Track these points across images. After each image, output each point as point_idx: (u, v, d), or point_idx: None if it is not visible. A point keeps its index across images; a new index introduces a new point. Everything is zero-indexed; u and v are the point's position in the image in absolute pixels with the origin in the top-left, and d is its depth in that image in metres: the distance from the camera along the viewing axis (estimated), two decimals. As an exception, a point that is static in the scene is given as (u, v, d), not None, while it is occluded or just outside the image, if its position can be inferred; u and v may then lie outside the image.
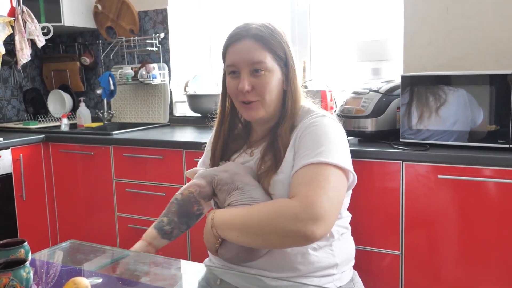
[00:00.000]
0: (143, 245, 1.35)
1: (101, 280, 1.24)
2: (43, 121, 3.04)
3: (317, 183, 1.15)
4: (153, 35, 2.91)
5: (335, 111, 2.11)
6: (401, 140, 1.80)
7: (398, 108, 1.85)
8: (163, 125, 2.90)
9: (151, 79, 2.81)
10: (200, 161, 1.53)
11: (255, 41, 1.27)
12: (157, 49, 2.92)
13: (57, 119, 3.11)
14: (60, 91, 3.22)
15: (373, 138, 1.86)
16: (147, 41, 2.91)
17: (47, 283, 1.25)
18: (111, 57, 3.11)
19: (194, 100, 2.74)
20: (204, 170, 1.35)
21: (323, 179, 1.16)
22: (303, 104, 1.35)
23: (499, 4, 1.98)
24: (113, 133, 2.53)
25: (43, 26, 2.81)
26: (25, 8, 2.72)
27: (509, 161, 1.54)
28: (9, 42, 2.79)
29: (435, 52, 2.11)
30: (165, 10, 2.91)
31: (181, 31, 2.97)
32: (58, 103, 3.25)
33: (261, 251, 1.26)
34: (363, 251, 1.77)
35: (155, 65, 2.85)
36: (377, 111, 1.83)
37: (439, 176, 1.64)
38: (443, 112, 1.72)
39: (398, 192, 1.72)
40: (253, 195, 1.23)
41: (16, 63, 2.83)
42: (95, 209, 2.56)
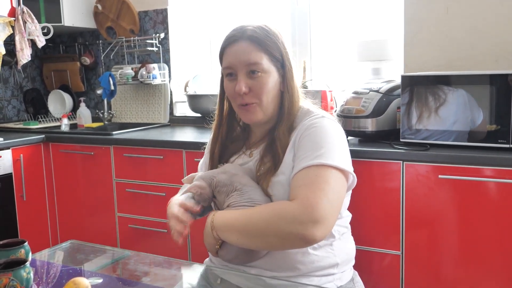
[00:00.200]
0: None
1: (101, 280, 1.24)
2: (43, 121, 3.04)
3: (317, 185, 1.15)
4: (153, 35, 2.91)
5: (335, 111, 2.11)
6: (401, 140, 1.80)
7: (398, 108, 1.85)
8: (163, 125, 2.90)
9: (151, 79, 2.81)
10: (200, 162, 1.52)
11: (251, 42, 1.27)
12: (157, 49, 2.91)
13: (58, 119, 3.11)
14: (60, 91, 3.22)
15: (373, 138, 1.86)
16: (147, 41, 2.91)
17: (48, 283, 1.25)
18: (111, 57, 3.11)
19: (194, 100, 2.74)
20: (201, 173, 1.35)
21: (323, 181, 1.16)
22: (302, 105, 1.35)
23: (499, 4, 1.98)
24: (113, 133, 2.53)
25: (43, 26, 2.80)
26: (25, 8, 2.72)
27: (510, 161, 1.54)
28: (9, 42, 2.79)
29: (435, 52, 2.11)
30: (165, 10, 2.91)
31: (181, 31, 2.97)
32: (58, 103, 3.25)
33: (261, 252, 1.26)
34: (363, 251, 1.77)
35: (155, 65, 2.85)
36: (378, 111, 1.83)
37: (439, 176, 1.64)
38: (443, 112, 1.72)
39: (398, 192, 1.72)
40: (252, 196, 1.23)
41: (16, 63, 2.83)
42: (96, 209, 2.56)
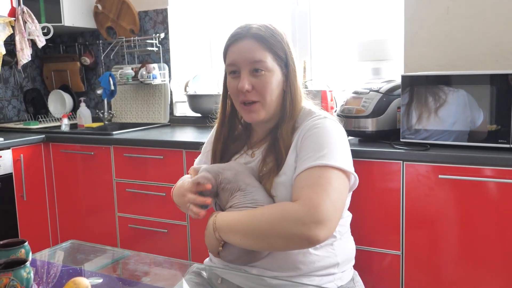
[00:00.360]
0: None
1: (101, 280, 1.24)
2: (43, 121, 3.04)
3: (320, 186, 1.15)
4: (153, 35, 2.91)
5: (335, 111, 2.11)
6: (401, 140, 1.80)
7: (398, 108, 1.85)
8: (163, 125, 2.90)
9: (152, 79, 2.81)
10: (197, 160, 1.53)
11: (256, 41, 1.27)
12: (157, 49, 2.91)
13: (58, 119, 3.11)
14: (60, 91, 3.22)
15: (373, 138, 1.86)
16: (147, 41, 2.91)
17: (48, 283, 1.25)
18: (112, 57, 3.11)
19: (194, 100, 2.74)
20: (206, 166, 1.33)
21: (326, 182, 1.16)
22: (304, 105, 1.35)
23: (499, 4, 1.98)
24: (114, 133, 2.53)
25: (43, 26, 2.80)
26: (25, 8, 2.72)
27: (510, 161, 1.53)
28: (10, 42, 2.79)
29: (436, 52, 2.11)
30: (165, 10, 2.91)
31: (181, 31, 2.97)
32: (58, 103, 3.25)
33: (263, 253, 1.25)
34: (363, 251, 1.77)
35: (155, 65, 2.85)
36: (378, 111, 1.83)
37: (439, 176, 1.64)
38: (443, 112, 1.72)
39: (398, 192, 1.72)
40: (256, 197, 1.23)
41: (16, 63, 2.83)
42: (96, 209, 2.56)
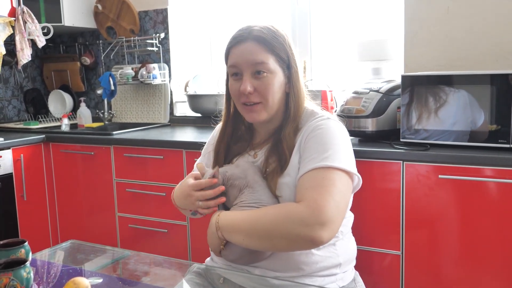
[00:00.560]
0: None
1: (101, 280, 1.24)
2: (43, 121, 3.04)
3: (324, 187, 1.15)
4: (154, 35, 2.91)
5: (335, 111, 2.11)
6: (401, 140, 1.80)
7: (398, 108, 1.85)
8: (163, 125, 2.90)
9: (152, 79, 2.81)
10: (197, 162, 1.52)
11: (258, 43, 1.26)
12: (157, 49, 2.91)
13: (58, 119, 3.11)
14: (60, 91, 3.22)
15: (373, 138, 1.86)
16: (148, 41, 2.91)
17: (48, 283, 1.25)
18: (112, 57, 3.11)
19: (194, 100, 2.74)
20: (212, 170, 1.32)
21: (330, 184, 1.16)
22: (306, 105, 1.35)
23: (500, 4, 1.98)
24: (114, 133, 2.53)
25: (43, 26, 2.80)
26: (25, 8, 2.72)
27: (510, 161, 1.53)
28: (10, 42, 2.79)
29: (436, 52, 2.11)
30: (165, 10, 2.91)
31: (181, 31, 2.97)
32: (58, 103, 3.25)
33: (265, 253, 1.25)
34: (363, 251, 1.77)
35: (155, 65, 2.85)
36: (378, 111, 1.83)
37: (439, 176, 1.64)
38: (443, 112, 1.72)
39: (398, 192, 1.72)
40: (261, 197, 1.23)
41: (16, 63, 2.83)
42: (96, 209, 2.56)
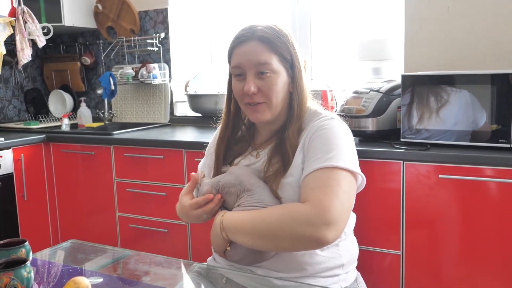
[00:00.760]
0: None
1: (101, 279, 1.24)
2: (44, 121, 3.05)
3: (329, 188, 1.15)
4: (154, 35, 2.91)
5: (335, 110, 2.11)
6: (401, 139, 1.80)
7: (398, 107, 1.85)
8: (163, 125, 2.90)
9: (152, 79, 2.81)
10: (200, 164, 1.51)
11: (261, 43, 1.26)
12: (157, 49, 2.92)
13: (58, 119, 3.11)
14: (61, 91, 3.22)
15: (373, 137, 1.86)
16: (148, 41, 2.91)
17: (48, 283, 1.25)
18: (112, 57, 3.11)
19: (194, 100, 2.74)
20: (208, 180, 1.32)
21: (335, 184, 1.16)
22: (309, 105, 1.35)
23: (499, 4, 1.98)
24: (114, 133, 2.53)
25: (44, 26, 2.81)
26: (25, 8, 2.72)
27: (510, 160, 1.53)
28: (10, 42, 2.79)
29: (436, 51, 2.11)
30: (166, 10, 2.91)
31: (181, 31, 2.97)
32: (59, 103, 3.25)
33: (269, 253, 1.25)
34: (363, 250, 1.76)
35: (155, 65, 2.85)
36: (378, 111, 1.83)
37: (440, 175, 1.64)
38: (443, 111, 1.71)
39: (398, 191, 1.72)
40: (262, 197, 1.23)
41: (17, 63, 2.83)
42: (96, 209, 2.56)
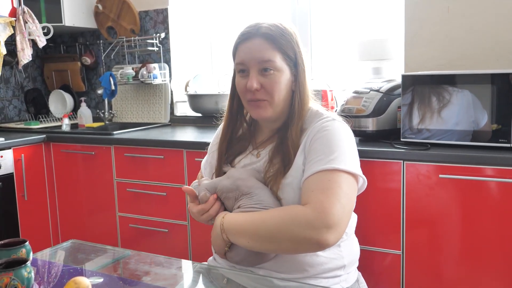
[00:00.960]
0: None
1: (102, 279, 1.24)
2: (44, 121, 3.05)
3: (330, 190, 1.15)
4: (154, 35, 2.91)
5: (335, 110, 2.11)
6: (402, 139, 1.80)
7: (399, 107, 1.85)
8: (164, 125, 2.90)
9: (152, 79, 2.81)
10: (203, 162, 1.51)
11: (265, 40, 1.26)
12: (157, 49, 2.92)
13: (58, 119, 3.11)
14: (61, 91, 3.22)
15: (374, 137, 1.86)
16: (148, 41, 2.91)
17: (49, 283, 1.25)
18: (112, 57, 3.11)
19: (195, 100, 2.74)
20: (207, 182, 1.32)
21: (336, 186, 1.16)
22: (311, 106, 1.34)
23: (500, 3, 1.98)
24: (114, 133, 2.53)
25: (44, 26, 2.81)
26: (26, 8, 2.72)
27: (510, 160, 1.53)
28: (10, 42, 2.79)
29: (436, 51, 2.11)
30: (166, 10, 2.91)
31: (181, 31, 2.97)
32: (59, 103, 3.25)
33: (270, 255, 1.25)
34: (364, 250, 1.76)
35: (155, 65, 2.86)
36: (378, 111, 1.83)
37: (440, 175, 1.64)
38: (444, 111, 1.71)
39: (399, 191, 1.72)
40: (262, 198, 1.22)
41: (17, 63, 2.83)
42: (96, 209, 2.56)
